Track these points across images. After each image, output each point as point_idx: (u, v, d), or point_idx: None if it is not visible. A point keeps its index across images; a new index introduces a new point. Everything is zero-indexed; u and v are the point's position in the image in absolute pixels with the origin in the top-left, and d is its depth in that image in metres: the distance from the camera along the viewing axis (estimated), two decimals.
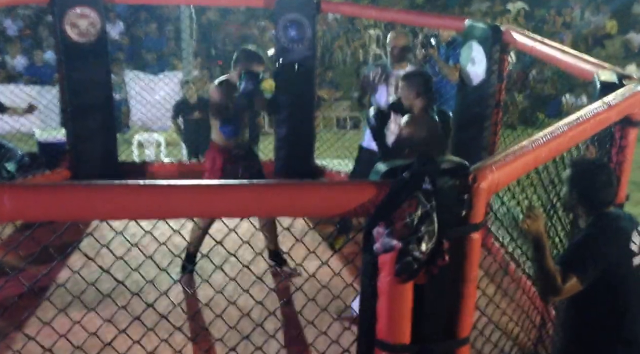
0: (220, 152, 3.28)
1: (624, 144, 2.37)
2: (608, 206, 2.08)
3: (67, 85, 4.52)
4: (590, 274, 1.93)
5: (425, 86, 2.93)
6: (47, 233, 1.47)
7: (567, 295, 1.95)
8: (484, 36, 3.68)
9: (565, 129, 1.83)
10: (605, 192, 2.06)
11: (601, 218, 2.04)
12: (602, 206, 2.06)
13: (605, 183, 2.06)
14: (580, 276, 1.92)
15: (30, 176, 4.63)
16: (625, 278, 1.99)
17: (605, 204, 2.07)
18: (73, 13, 4.36)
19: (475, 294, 1.54)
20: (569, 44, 11.18)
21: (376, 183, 1.39)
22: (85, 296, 1.82)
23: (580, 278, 1.92)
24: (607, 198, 2.07)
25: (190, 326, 1.73)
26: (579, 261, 1.95)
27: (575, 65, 2.76)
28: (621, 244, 2.00)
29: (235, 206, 1.38)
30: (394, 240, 1.35)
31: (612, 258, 1.97)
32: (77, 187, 1.32)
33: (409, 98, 2.94)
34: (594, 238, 2.00)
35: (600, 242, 1.98)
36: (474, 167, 1.47)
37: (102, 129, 4.65)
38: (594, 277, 1.94)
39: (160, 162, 5.32)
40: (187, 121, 5.93)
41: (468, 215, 1.44)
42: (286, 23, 4.65)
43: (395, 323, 1.46)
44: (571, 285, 1.91)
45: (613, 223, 2.04)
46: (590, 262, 1.94)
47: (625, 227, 2.04)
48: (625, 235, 2.02)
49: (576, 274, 1.92)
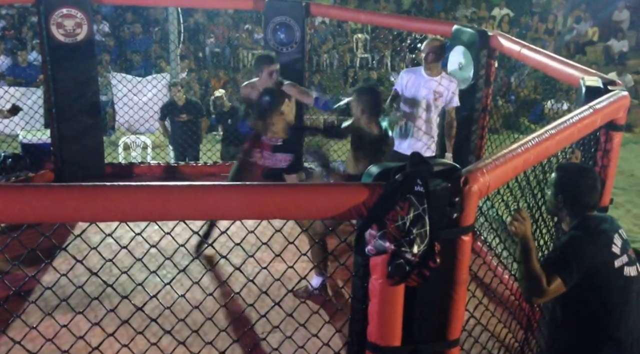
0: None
1: (608, 147, 2.41)
2: (592, 209, 2.11)
3: (52, 86, 4.47)
4: (574, 275, 1.96)
5: (370, 104, 3.08)
6: (32, 235, 1.45)
7: (551, 297, 1.98)
8: (471, 41, 3.72)
9: (552, 132, 1.86)
10: (589, 196, 2.09)
11: (584, 221, 2.08)
12: (586, 210, 2.09)
13: (590, 187, 2.09)
14: (565, 277, 1.95)
15: (13, 178, 4.55)
16: (607, 279, 2.03)
17: (589, 207, 2.10)
18: (59, 13, 4.32)
19: (466, 296, 1.54)
20: (551, 50, 11.37)
21: (369, 185, 1.40)
22: (72, 298, 1.79)
23: (564, 279, 1.95)
24: (591, 202, 2.10)
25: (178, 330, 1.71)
26: (563, 262, 1.97)
27: (561, 71, 2.80)
28: (603, 247, 2.03)
29: (226, 208, 1.38)
30: (386, 242, 1.35)
31: (595, 260, 2.00)
32: (60, 188, 1.30)
33: (356, 113, 3.12)
34: (578, 240, 2.03)
35: (583, 245, 2.01)
36: (465, 170, 1.49)
37: (88, 131, 4.61)
38: (578, 278, 1.97)
39: (147, 164, 5.27)
40: (174, 122, 5.90)
41: (459, 217, 1.45)
42: (275, 26, 4.66)
43: (386, 325, 1.46)
44: (555, 286, 1.94)
45: (596, 226, 2.07)
46: (574, 264, 1.97)
47: (607, 230, 2.07)
48: (607, 238, 2.05)
49: (560, 275, 1.94)
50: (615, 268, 2.03)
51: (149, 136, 7.03)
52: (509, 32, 11.83)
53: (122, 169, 5.05)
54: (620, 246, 2.06)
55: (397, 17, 6.94)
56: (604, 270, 2.02)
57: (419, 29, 4.61)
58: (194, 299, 1.94)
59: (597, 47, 12.14)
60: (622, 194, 7.49)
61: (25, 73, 8.74)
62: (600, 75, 2.56)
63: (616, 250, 2.05)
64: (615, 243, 2.05)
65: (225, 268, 1.63)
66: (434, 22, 5.80)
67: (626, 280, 2.04)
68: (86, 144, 4.62)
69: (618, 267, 2.04)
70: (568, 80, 2.75)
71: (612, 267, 2.03)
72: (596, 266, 2.00)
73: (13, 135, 5.32)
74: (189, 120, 5.89)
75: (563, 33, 12.71)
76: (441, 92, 3.76)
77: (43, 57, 4.53)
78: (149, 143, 6.87)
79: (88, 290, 1.63)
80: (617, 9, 12.74)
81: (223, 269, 2.47)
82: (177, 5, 6.05)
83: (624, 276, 2.04)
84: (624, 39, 12.01)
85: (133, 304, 1.66)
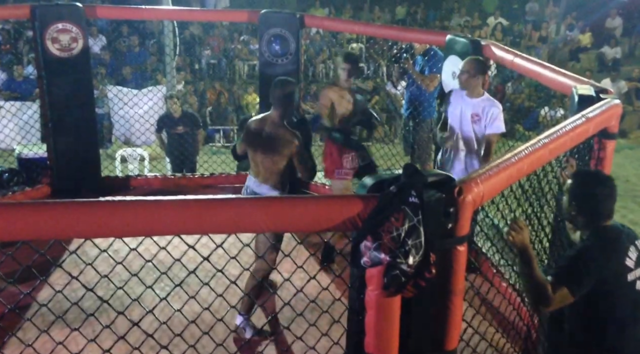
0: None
1: (602, 155, 2.42)
2: (607, 218, 2.04)
3: (48, 100, 4.48)
4: (582, 287, 1.91)
5: (279, 97, 3.08)
6: (28, 251, 1.45)
7: (558, 305, 1.92)
8: (464, 50, 3.75)
9: (546, 141, 1.87)
10: (604, 205, 2.02)
11: (599, 232, 2.01)
12: (600, 219, 2.02)
13: (605, 196, 2.02)
14: (572, 288, 1.90)
15: (10, 193, 4.54)
16: (617, 292, 1.97)
17: (604, 216, 2.03)
18: (54, 28, 4.34)
19: (462, 306, 1.55)
20: (545, 58, 11.45)
21: (363, 197, 1.40)
22: (68, 314, 1.78)
23: (572, 290, 1.90)
24: (606, 211, 2.04)
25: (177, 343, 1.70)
26: (573, 273, 1.92)
27: (554, 79, 2.82)
28: (617, 260, 1.97)
29: (222, 222, 1.38)
30: (382, 254, 1.36)
31: (606, 272, 1.95)
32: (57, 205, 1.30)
33: (274, 104, 3.13)
34: (589, 252, 1.97)
35: (596, 256, 1.96)
36: (459, 180, 1.49)
37: (84, 144, 4.60)
38: (586, 290, 1.92)
39: (144, 177, 5.27)
40: (170, 135, 5.91)
41: (454, 228, 1.46)
42: (270, 37, 4.69)
43: (383, 337, 1.46)
44: (562, 296, 1.89)
45: (610, 238, 2.01)
46: (584, 276, 1.91)
47: (622, 242, 2.01)
48: (622, 250, 1.99)
49: (568, 285, 1.89)
50: (627, 281, 1.97)
51: (146, 149, 7.04)
52: (503, 40, 11.93)
53: (119, 182, 5.04)
54: (634, 259, 2.00)
55: (391, 27, 6.98)
56: (615, 283, 1.96)
57: (413, 39, 4.64)
58: (191, 311, 1.94)
59: (590, 54, 12.23)
60: (618, 200, 7.51)
61: (21, 87, 8.75)
62: (593, 83, 2.58)
63: (630, 263, 1.98)
64: (630, 256, 1.99)
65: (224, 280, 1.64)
66: (428, 33, 5.84)
67: (638, 294, 1.98)
68: (83, 157, 4.61)
69: (631, 280, 1.98)
70: (561, 88, 2.77)
71: (625, 280, 1.97)
72: (606, 279, 1.94)
73: (9, 150, 5.32)
74: (186, 132, 5.90)
75: (556, 40, 12.81)
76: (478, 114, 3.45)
77: (39, 71, 4.54)
78: (146, 155, 6.88)
79: (86, 305, 1.63)
80: (609, 16, 12.87)
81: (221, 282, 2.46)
82: (172, 18, 6.09)
83: (636, 290, 1.98)
84: (617, 46, 12.11)
85: (129, 320, 1.65)
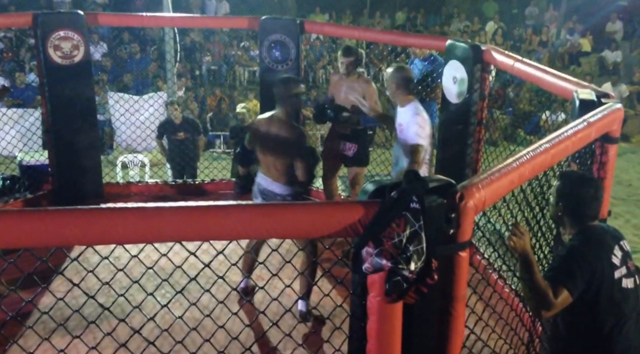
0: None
1: (604, 160, 2.42)
2: (592, 219, 2.10)
3: (50, 107, 4.49)
4: (578, 284, 1.95)
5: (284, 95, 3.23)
6: (29, 258, 1.45)
7: (559, 309, 1.95)
8: (465, 55, 3.75)
9: (547, 146, 1.87)
10: (590, 206, 2.08)
11: (585, 231, 2.07)
12: (586, 219, 2.08)
13: (591, 197, 2.08)
14: (570, 287, 1.93)
15: (12, 200, 4.54)
16: (606, 290, 2.00)
17: (590, 217, 2.09)
18: (56, 36, 4.35)
19: (465, 312, 1.54)
20: (546, 61, 11.46)
21: (365, 203, 1.40)
22: (70, 321, 1.78)
23: (570, 289, 1.93)
24: (592, 212, 2.09)
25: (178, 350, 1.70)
26: (567, 272, 1.96)
27: (555, 84, 2.82)
28: (603, 257, 2.02)
29: (223, 229, 1.38)
30: (383, 260, 1.35)
31: (597, 269, 1.99)
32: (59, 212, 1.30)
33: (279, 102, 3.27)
34: (578, 250, 2.02)
35: (585, 254, 2.00)
36: (461, 185, 1.49)
37: (85, 151, 4.61)
38: (582, 287, 1.95)
39: (145, 183, 5.27)
40: (171, 141, 5.92)
41: (456, 233, 1.45)
42: (270, 44, 4.70)
43: (385, 343, 1.45)
44: (563, 298, 1.93)
45: (596, 236, 2.06)
46: (578, 273, 1.96)
47: (607, 241, 2.07)
48: (608, 248, 2.05)
49: (566, 286, 1.93)
50: (614, 278, 2.02)
51: (147, 155, 7.05)
52: (503, 44, 11.95)
53: (120, 189, 5.05)
54: (620, 258, 2.05)
55: (391, 33, 7.01)
56: (605, 281, 2.01)
57: (414, 44, 4.65)
58: (192, 318, 1.93)
59: (591, 58, 12.25)
60: (621, 205, 7.50)
61: (23, 95, 8.79)
62: (594, 87, 2.57)
63: (616, 261, 2.04)
64: (615, 254, 2.05)
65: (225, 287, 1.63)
66: (427, 37, 5.85)
67: (623, 292, 2.03)
68: (84, 164, 4.61)
69: (617, 278, 2.03)
70: (562, 93, 2.76)
71: (612, 278, 2.02)
72: (597, 276, 1.99)
73: (11, 157, 5.33)
74: (187, 138, 5.91)
75: (557, 45, 12.83)
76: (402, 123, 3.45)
77: (40, 79, 4.55)
78: (146, 162, 6.89)
79: (87, 311, 1.62)
80: (610, 20, 12.89)
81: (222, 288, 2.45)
82: (173, 25, 6.11)
83: (622, 288, 2.03)
84: (617, 50, 12.12)
85: (130, 327, 1.64)
